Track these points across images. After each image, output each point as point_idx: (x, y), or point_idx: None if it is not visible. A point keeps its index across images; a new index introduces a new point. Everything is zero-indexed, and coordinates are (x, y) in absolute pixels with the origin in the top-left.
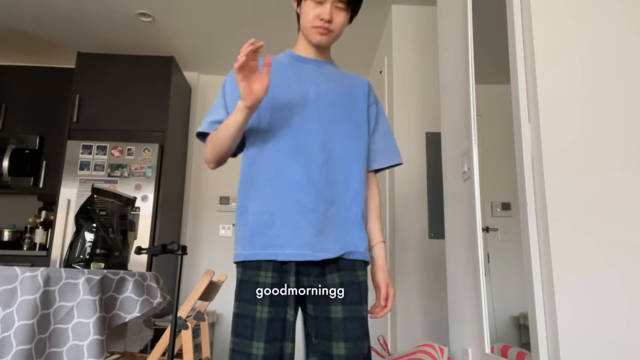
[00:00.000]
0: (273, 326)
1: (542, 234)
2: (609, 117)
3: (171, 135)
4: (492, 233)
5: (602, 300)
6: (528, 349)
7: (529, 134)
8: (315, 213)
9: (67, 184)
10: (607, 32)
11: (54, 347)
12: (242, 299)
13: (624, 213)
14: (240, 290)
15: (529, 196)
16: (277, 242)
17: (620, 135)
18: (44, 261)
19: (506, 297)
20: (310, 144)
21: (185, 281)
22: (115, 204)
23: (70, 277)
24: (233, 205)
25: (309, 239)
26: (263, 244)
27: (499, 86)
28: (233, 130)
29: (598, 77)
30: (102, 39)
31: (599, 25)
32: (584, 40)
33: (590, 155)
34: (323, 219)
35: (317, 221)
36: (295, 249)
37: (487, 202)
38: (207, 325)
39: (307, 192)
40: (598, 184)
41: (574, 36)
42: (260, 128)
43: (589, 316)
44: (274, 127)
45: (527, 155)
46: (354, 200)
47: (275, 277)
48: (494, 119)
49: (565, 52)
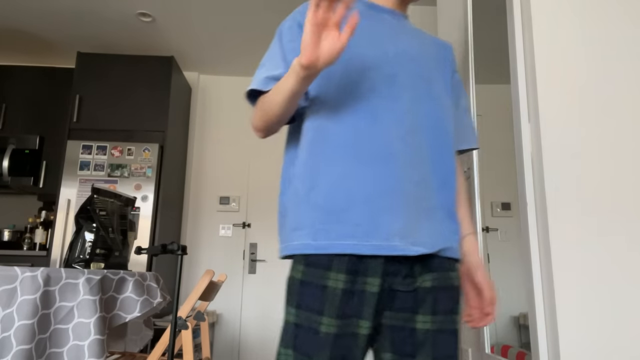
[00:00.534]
0: (341, 343)
1: (542, 234)
2: (609, 116)
3: (171, 135)
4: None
5: (602, 300)
6: (528, 349)
7: (529, 134)
8: (404, 195)
9: (67, 184)
10: (607, 32)
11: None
12: (303, 306)
13: (624, 212)
14: (302, 294)
15: (529, 196)
16: (356, 231)
17: (620, 135)
18: (44, 261)
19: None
20: (392, 110)
21: (185, 281)
22: (115, 204)
23: (71, 277)
24: (233, 205)
25: (398, 228)
26: (339, 233)
27: (499, 86)
28: (286, 97)
29: (598, 76)
30: (102, 39)
31: (599, 25)
32: (584, 39)
33: (591, 155)
34: (415, 202)
35: (407, 205)
36: (382, 240)
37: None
38: (207, 325)
39: (391, 167)
40: (598, 184)
41: (574, 36)
42: (329, 88)
43: (589, 316)
44: (347, 88)
45: (527, 155)
46: (445, 182)
47: (348, 279)
48: (494, 118)
49: (565, 52)
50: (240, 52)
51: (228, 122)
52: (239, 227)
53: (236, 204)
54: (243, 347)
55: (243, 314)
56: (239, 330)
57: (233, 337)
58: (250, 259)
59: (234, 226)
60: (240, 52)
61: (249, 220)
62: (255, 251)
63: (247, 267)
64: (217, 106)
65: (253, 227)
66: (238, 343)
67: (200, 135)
